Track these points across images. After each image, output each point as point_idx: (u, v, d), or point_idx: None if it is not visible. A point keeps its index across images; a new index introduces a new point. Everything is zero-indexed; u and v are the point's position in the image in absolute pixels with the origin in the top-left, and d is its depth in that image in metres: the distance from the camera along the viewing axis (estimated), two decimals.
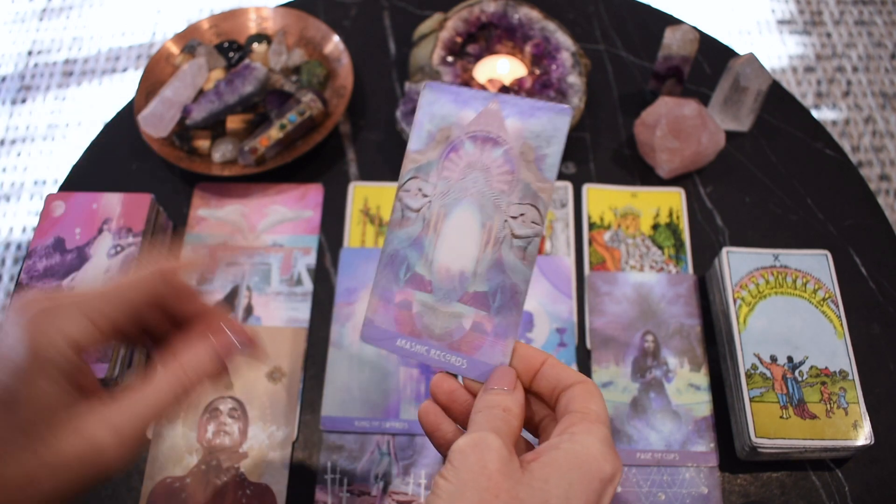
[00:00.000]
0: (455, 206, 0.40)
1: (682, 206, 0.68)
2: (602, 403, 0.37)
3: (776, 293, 0.58)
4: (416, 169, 0.41)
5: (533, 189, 0.40)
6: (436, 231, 0.40)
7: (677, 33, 0.69)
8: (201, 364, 0.36)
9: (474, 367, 0.39)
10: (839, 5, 1.66)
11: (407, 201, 0.41)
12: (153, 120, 0.69)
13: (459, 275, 0.40)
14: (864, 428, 0.53)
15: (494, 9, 0.72)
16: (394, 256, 0.41)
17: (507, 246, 0.40)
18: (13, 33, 1.66)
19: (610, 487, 0.34)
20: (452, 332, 0.40)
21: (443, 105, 0.41)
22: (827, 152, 0.72)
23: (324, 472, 0.56)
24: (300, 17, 0.77)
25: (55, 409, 0.32)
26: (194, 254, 0.37)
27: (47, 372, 0.32)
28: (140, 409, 0.34)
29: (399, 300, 0.40)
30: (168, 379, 0.35)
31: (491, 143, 0.40)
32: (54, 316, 0.33)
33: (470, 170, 0.40)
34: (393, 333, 0.40)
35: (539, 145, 0.40)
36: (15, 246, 1.39)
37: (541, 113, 0.40)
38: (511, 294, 0.40)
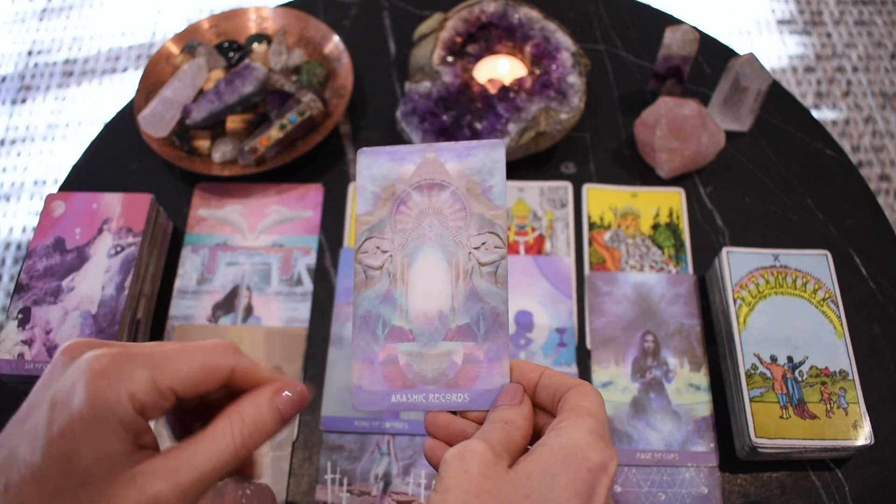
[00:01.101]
0: (417, 252, 0.42)
1: (682, 206, 0.68)
2: (596, 401, 0.37)
3: (776, 293, 0.58)
4: (370, 229, 0.42)
5: (487, 218, 0.42)
6: (404, 281, 0.41)
7: (677, 33, 0.69)
8: (260, 416, 0.34)
9: (477, 397, 0.40)
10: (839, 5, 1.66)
11: (367, 262, 0.42)
12: (153, 120, 0.69)
13: (438, 315, 0.41)
14: (864, 428, 0.53)
15: (494, 9, 0.72)
16: (367, 318, 0.41)
17: (477, 275, 0.41)
18: (13, 33, 1.66)
19: (603, 477, 0.33)
20: (446, 371, 0.40)
21: (381, 166, 0.43)
22: (827, 152, 0.72)
23: (324, 472, 0.56)
24: (300, 17, 0.77)
25: (115, 461, 0.31)
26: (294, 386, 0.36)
27: (109, 424, 0.31)
28: (199, 460, 0.32)
29: (383, 357, 0.41)
30: (226, 429, 0.34)
31: (437, 188, 0.42)
32: (121, 370, 0.32)
33: (423, 216, 0.42)
34: (385, 392, 0.40)
35: (483, 179, 0.42)
36: (15, 246, 1.39)
37: (476, 151, 0.42)
38: (493, 317, 0.41)
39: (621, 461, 0.56)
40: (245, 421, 0.34)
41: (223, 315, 0.63)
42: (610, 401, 0.59)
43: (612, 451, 0.34)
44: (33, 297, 0.58)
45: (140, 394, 0.31)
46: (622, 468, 0.56)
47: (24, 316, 0.57)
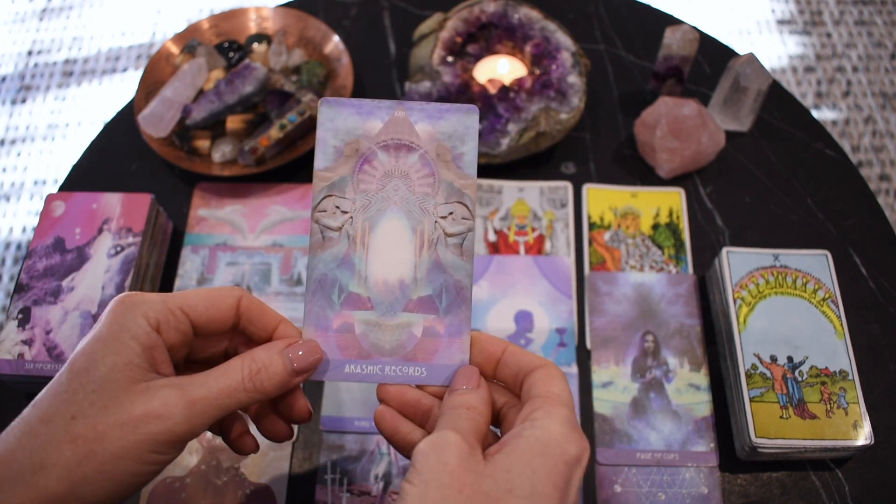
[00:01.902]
0: (380, 216, 0.40)
1: (682, 206, 0.68)
2: (564, 385, 0.37)
3: (776, 293, 0.58)
4: (329, 187, 0.40)
5: (457, 187, 0.40)
6: (364, 245, 0.39)
7: (677, 33, 0.69)
8: (271, 359, 0.37)
9: (435, 372, 0.39)
10: (839, 5, 1.66)
11: (325, 221, 0.40)
12: (153, 120, 0.69)
13: (399, 284, 0.39)
14: (864, 428, 0.53)
15: (494, 9, 0.72)
16: (322, 281, 0.39)
17: (442, 245, 0.40)
18: (13, 33, 1.66)
19: (577, 469, 0.34)
20: (404, 343, 0.39)
21: (345, 119, 0.40)
22: (827, 152, 0.72)
23: (324, 472, 0.56)
24: (300, 17, 0.77)
25: (128, 373, 0.34)
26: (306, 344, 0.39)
27: (123, 339, 0.35)
28: (209, 381, 0.36)
29: (338, 325, 0.39)
30: (237, 364, 0.37)
31: (405, 150, 0.40)
32: (138, 298, 0.37)
33: (388, 178, 0.40)
34: (339, 361, 0.39)
35: (454, 145, 0.40)
36: (15, 246, 1.39)
37: (449, 114, 0.40)
38: (457, 291, 0.39)
39: (621, 461, 0.56)
40: (255, 360, 0.37)
41: None
42: (610, 401, 0.59)
43: (585, 443, 0.35)
44: (33, 297, 0.58)
45: (152, 312, 0.36)
46: (622, 468, 0.56)
47: (24, 316, 0.57)
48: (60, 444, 0.33)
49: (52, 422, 0.33)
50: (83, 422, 0.33)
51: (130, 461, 0.33)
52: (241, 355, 0.37)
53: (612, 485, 0.56)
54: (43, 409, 0.34)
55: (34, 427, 0.33)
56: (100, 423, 0.33)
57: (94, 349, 0.35)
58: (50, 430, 0.33)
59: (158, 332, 0.36)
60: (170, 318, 0.37)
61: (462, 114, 0.40)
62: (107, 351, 0.35)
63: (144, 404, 0.34)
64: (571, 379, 0.60)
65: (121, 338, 0.35)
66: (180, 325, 0.37)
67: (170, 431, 0.34)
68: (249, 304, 0.39)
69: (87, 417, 0.33)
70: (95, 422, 0.33)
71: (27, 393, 0.60)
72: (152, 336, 0.36)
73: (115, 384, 0.34)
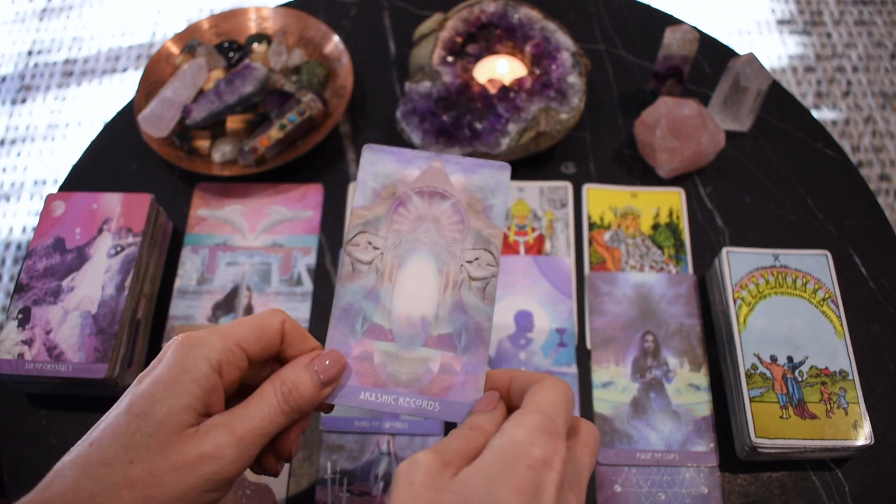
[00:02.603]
0: (409, 255, 0.42)
1: (682, 206, 0.68)
2: (550, 394, 0.36)
3: (776, 293, 0.58)
4: (364, 224, 0.42)
5: (484, 235, 0.42)
6: (391, 280, 0.41)
7: (677, 33, 0.69)
8: (298, 377, 0.39)
9: (447, 408, 0.40)
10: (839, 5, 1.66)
11: (357, 255, 0.42)
12: (153, 120, 0.69)
13: (421, 320, 0.41)
14: (864, 428, 0.53)
15: (494, 9, 0.72)
16: (347, 310, 0.41)
17: (465, 288, 0.41)
18: (13, 33, 1.66)
19: (547, 472, 0.33)
20: (420, 377, 0.40)
21: (385, 165, 0.43)
22: (827, 152, 0.72)
23: (324, 472, 0.56)
24: (300, 17, 0.77)
25: (184, 417, 0.35)
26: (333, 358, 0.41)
27: (184, 383, 0.36)
28: (251, 413, 0.37)
29: (357, 353, 0.41)
30: (270, 389, 0.38)
31: (438, 197, 0.42)
32: (197, 339, 0.37)
33: (420, 221, 0.42)
34: (354, 388, 0.40)
35: (485, 197, 0.42)
36: (15, 246, 1.39)
37: (483, 169, 0.43)
38: (476, 332, 0.41)
39: (621, 461, 0.56)
40: (285, 381, 0.38)
41: (223, 315, 0.63)
42: (610, 401, 0.59)
43: (556, 445, 0.34)
44: (33, 297, 0.58)
45: (213, 353, 0.37)
46: (622, 468, 0.56)
47: (24, 316, 0.57)
48: (120, 489, 0.33)
49: (112, 465, 0.34)
50: (141, 466, 0.34)
51: (186, 502, 0.34)
52: (270, 379, 0.39)
53: (612, 485, 0.56)
54: (102, 450, 0.34)
55: (94, 469, 0.34)
56: (157, 467, 0.34)
57: (153, 392, 0.35)
58: (110, 474, 0.34)
59: (220, 373, 0.37)
60: (230, 358, 0.37)
61: (495, 170, 0.43)
62: (167, 395, 0.35)
63: (198, 447, 0.35)
64: (571, 379, 0.60)
65: (181, 381, 0.36)
66: (239, 361, 0.38)
67: (224, 471, 0.35)
68: (292, 327, 0.41)
69: (144, 462, 0.34)
70: (153, 466, 0.34)
71: (27, 393, 0.60)
72: (212, 379, 0.36)
73: (171, 428, 0.35)
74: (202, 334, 0.38)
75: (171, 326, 0.63)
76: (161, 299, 0.64)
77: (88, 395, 0.59)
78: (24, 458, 0.57)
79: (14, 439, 0.58)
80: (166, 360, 0.37)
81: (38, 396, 0.60)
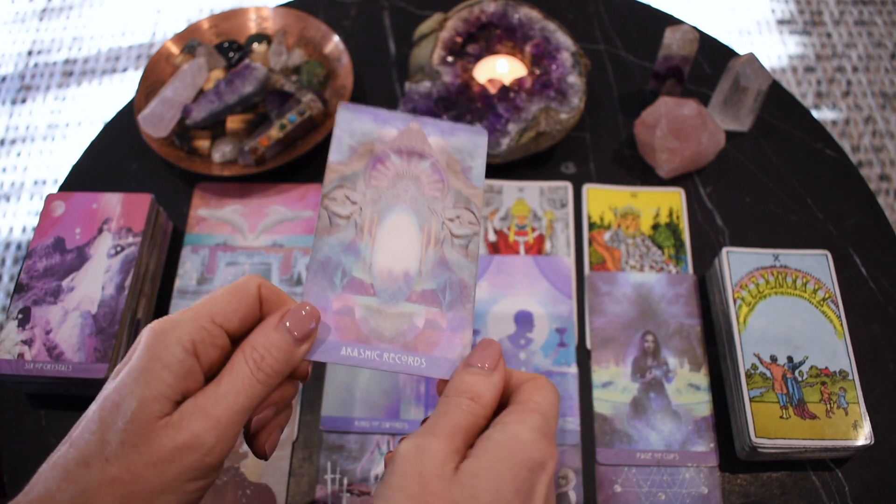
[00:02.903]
0: (389, 211, 0.41)
1: (682, 206, 0.68)
2: (547, 396, 0.36)
3: (776, 293, 0.58)
4: (341, 178, 0.41)
5: (464, 195, 0.42)
6: (371, 235, 0.41)
7: (677, 33, 0.69)
8: (269, 338, 0.36)
9: (434, 364, 0.39)
10: (839, 5, 1.66)
11: (334, 209, 0.41)
12: (153, 120, 0.69)
13: (404, 275, 0.40)
14: (864, 428, 0.53)
15: (494, 9, 0.72)
16: (325, 263, 0.40)
17: (448, 245, 0.41)
18: (13, 33, 1.66)
19: (542, 476, 0.33)
20: (405, 332, 0.39)
21: (362, 123, 0.42)
22: (827, 152, 0.72)
23: (324, 472, 0.56)
24: (300, 17, 0.76)
25: (157, 406, 0.33)
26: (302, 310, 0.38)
27: (155, 371, 0.33)
28: (224, 392, 0.34)
29: (337, 307, 0.39)
30: (240, 359, 0.35)
31: (417, 156, 0.42)
32: (169, 323, 0.35)
33: (399, 179, 0.42)
34: (335, 343, 0.38)
35: (463, 159, 0.42)
36: (15, 246, 1.39)
37: (461, 133, 0.43)
38: (460, 289, 0.40)
39: (621, 461, 0.56)
40: (255, 347, 0.35)
41: None
42: (610, 401, 0.59)
43: (552, 450, 0.34)
44: (33, 297, 0.58)
45: (185, 335, 0.34)
46: (622, 468, 0.56)
47: (24, 316, 0.57)
48: (99, 489, 0.32)
49: (90, 465, 0.33)
50: (118, 463, 0.32)
51: (170, 494, 0.33)
52: (240, 347, 0.36)
53: (612, 485, 0.56)
54: (80, 449, 0.33)
55: (72, 471, 0.33)
56: (133, 463, 0.32)
57: (124, 384, 0.33)
58: (89, 475, 0.32)
59: (196, 354, 0.34)
60: (205, 337, 0.35)
61: (472, 134, 0.43)
62: (136, 385, 0.33)
63: (173, 438, 0.33)
64: (571, 379, 0.60)
65: (152, 369, 0.33)
66: (216, 339, 0.35)
67: (205, 458, 0.33)
68: (269, 291, 0.38)
69: (120, 459, 0.32)
70: (129, 463, 0.32)
71: (27, 393, 0.60)
72: (187, 363, 0.34)
73: (144, 420, 0.33)
74: (174, 317, 0.35)
75: None
76: (161, 299, 0.64)
77: (88, 395, 0.59)
78: (24, 458, 0.57)
79: (14, 439, 0.58)
80: (139, 349, 0.34)
81: (38, 396, 0.60)
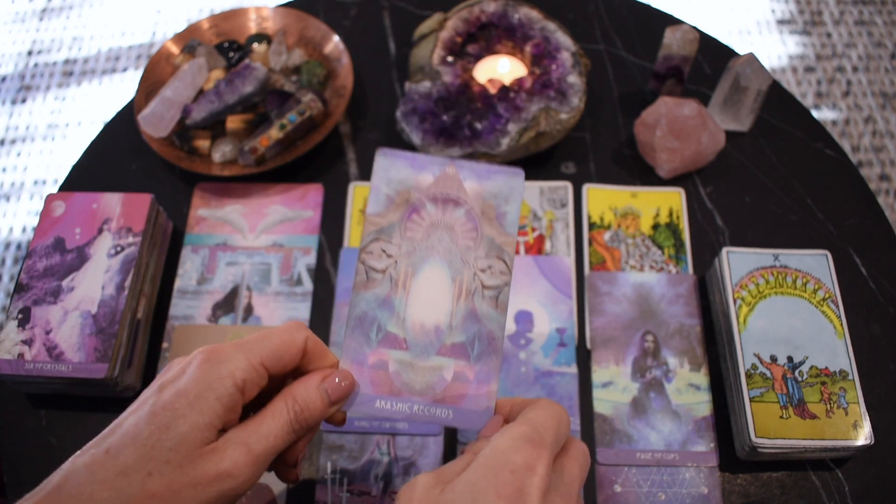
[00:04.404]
0: (423, 263, 0.42)
1: (682, 206, 0.68)
2: (541, 412, 0.37)
3: (776, 293, 0.58)
4: (378, 231, 0.42)
5: (497, 243, 0.42)
6: (405, 289, 0.42)
7: (677, 33, 0.69)
8: (309, 396, 0.39)
9: (461, 415, 0.40)
10: (839, 5, 1.66)
11: (371, 263, 0.42)
12: (153, 120, 0.69)
13: (435, 329, 0.41)
14: (864, 428, 0.53)
15: (494, 9, 0.72)
16: (362, 319, 0.42)
17: (478, 297, 0.42)
18: (13, 33, 1.66)
19: (531, 476, 0.34)
20: (434, 385, 0.41)
21: (399, 170, 0.43)
22: (827, 152, 0.72)
23: (324, 472, 0.56)
24: (300, 17, 0.77)
25: (205, 433, 0.36)
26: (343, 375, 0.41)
27: (208, 400, 0.36)
28: (264, 431, 0.37)
29: (373, 361, 0.41)
30: (282, 406, 0.39)
31: (452, 204, 0.42)
32: (223, 354, 0.38)
33: (434, 229, 0.42)
34: (370, 396, 0.41)
35: (498, 204, 0.43)
36: (15, 246, 1.39)
37: (497, 176, 0.43)
38: (488, 341, 0.41)
39: (621, 461, 0.56)
40: (297, 399, 0.39)
41: (223, 315, 0.63)
42: (610, 401, 0.59)
43: (539, 452, 0.35)
44: (33, 297, 0.58)
45: (238, 371, 0.37)
46: (622, 468, 0.56)
47: (24, 316, 0.57)
48: (136, 501, 0.34)
49: (129, 476, 0.34)
50: (160, 479, 0.34)
51: None
52: (283, 395, 0.39)
53: (612, 485, 0.56)
54: (120, 459, 0.34)
55: (110, 479, 0.34)
56: (176, 482, 0.34)
57: (177, 406, 0.35)
58: (127, 485, 0.34)
59: (242, 391, 0.37)
60: (253, 376, 0.38)
61: (509, 176, 0.43)
62: (190, 410, 0.35)
63: (216, 464, 0.35)
64: (571, 379, 0.60)
65: (206, 398, 0.36)
66: (261, 380, 0.38)
67: (239, 487, 0.36)
68: (314, 345, 0.41)
69: (163, 475, 0.34)
70: (171, 481, 0.34)
71: (27, 393, 0.60)
72: (235, 397, 0.37)
73: (192, 444, 0.35)
74: (227, 350, 0.38)
75: (171, 326, 0.63)
76: (161, 299, 0.64)
77: (88, 395, 0.59)
78: (24, 458, 0.57)
79: (14, 439, 0.58)
80: (191, 373, 0.37)
81: (38, 396, 0.60)
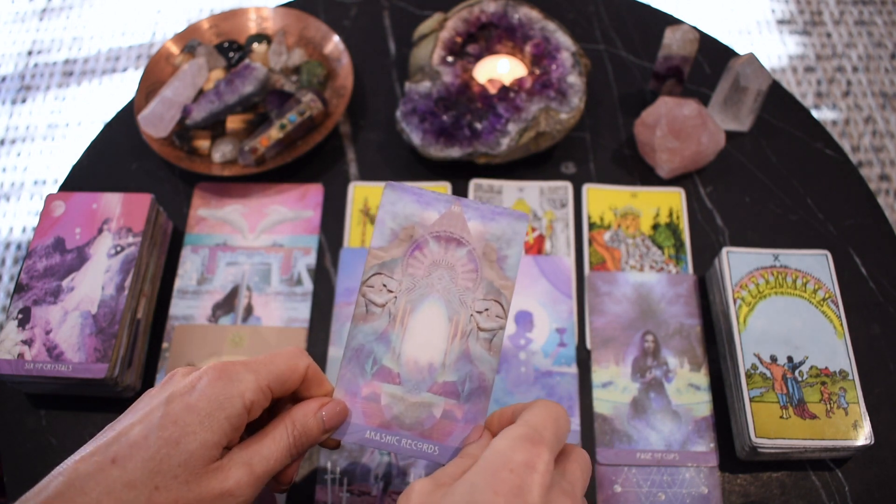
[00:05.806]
0: (422, 301, 0.43)
1: (682, 206, 0.68)
2: (539, 413, 0.38)
3: (776, 293, 0.58)
4: (381, 265, 0.43)
5: (496, 286, 0.43)
6: (402, 325, 0.43)
7: (677, 33, 0.69)
8: (308, 422, 0.41)
9: (446, 452, 0.41)
10: (839, 5, 1.66)
11: (371, 297, 0.43)
12: (153, 120, 0.69)
13: (428, 366, 0.42)
14: (864, 428, 0.53)
15: (494, 9, 0.72)
16: (359, 351, 0.42)
17: (473, 338, 0.42)
18: (13, 33, 1.66)
19: (531, 474, 0.34)
20: (423, 421, 0.42)
21: (405, 205, 0.44)
22: (827, 152, 0.72)
23: (324, 472, 0.56)
24: (300, 17, 0.77)
25: (212, 450, 0.36)
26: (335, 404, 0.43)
27: (217, 418, 0.37)
28: (266, 453, 0.39)
29: (366, 393, 0.42)
30: (283, 430, 0.40)
31: (455, 243, 0.43)
32: (234, 373, 0.38)
33: (435, 267, 0.43)
34: (361, 427, 0.42)
35: (500, 247, 0.43)
36: (15, 246, 1.39)
37: (501, 218, 0.43)
38: (479, 382, 0.42)
39: (621, 461, 0.56)
40: (297, 424, 0.40)
41: (223, 315, 0.63)
42: (610, 401, 0.59)
43: (538, 450, 0.35)
44: (33, 297, 0.58)
45: (248, 392, 0.38)
46: (622, 468, 0.56)
47: (24, 316, 0.57)
48: None
49: (136, 488, 0.34)
50: (166, 494, 0.35)
51: None
52: (283, 419, 0.40)
53: (612, 485, 0.56)
54: (127, 470, 0.35)
55: (116, 489, 0.34)
56: (181, 498, 0.35)
57: (188, 422, 0.36)
58: (133, 497, 0.34)
59: (249, 412, 0.38)
60: (260, 398, 0.39)
61: (513, 219, 0.44)
62: (200, 427, 0.36)
63: (221, 483, 0.36)
64: (571, 379, 0.60)
65: (216, 417, 0.37)
66: (266, 402, 0.40)
67: None
68: (314, 373, 0.42)
69: (169, 491, 0.35)
70: (177, 496, 0.35)
71: (27, 393, 0.60)
72: (243, 417, 0.38)
73: (200, 461, 0.36)
74: (239, 369, 0.39)
75: (171, 326, 0.63)
76: (161, 299, 0.64)
77: (88, 395, 0.59)
78: (24, 458, 0.57)
79: (14, 439, 0.58)
80: (202, 388, 0.37)
81: (38, 396, 0.60)
